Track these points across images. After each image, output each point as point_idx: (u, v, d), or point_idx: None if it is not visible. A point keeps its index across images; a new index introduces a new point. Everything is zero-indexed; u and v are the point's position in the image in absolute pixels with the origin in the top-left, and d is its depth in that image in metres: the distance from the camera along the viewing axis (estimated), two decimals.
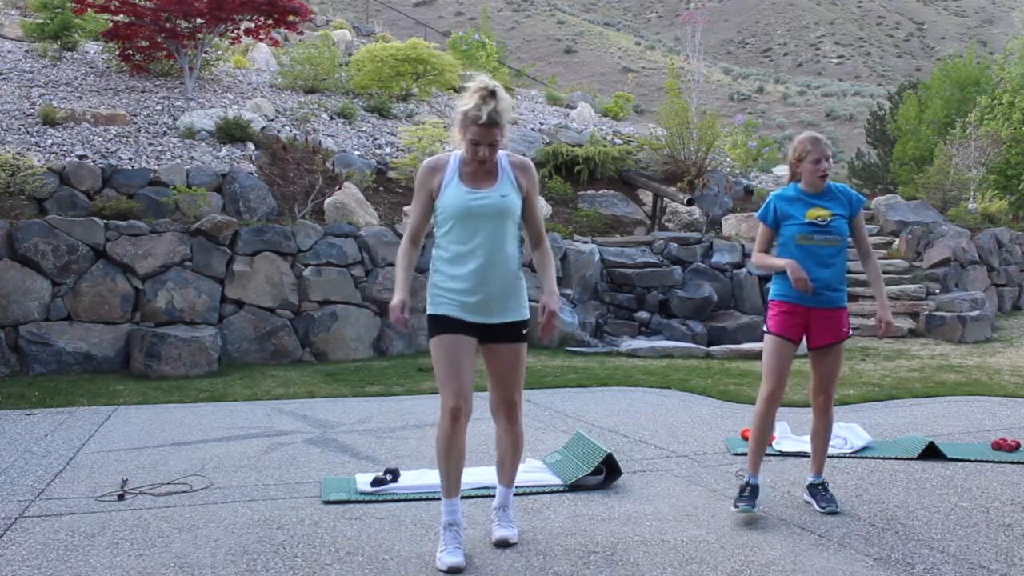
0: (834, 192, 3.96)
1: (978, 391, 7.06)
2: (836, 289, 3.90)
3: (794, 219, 3.90)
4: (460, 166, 3.32)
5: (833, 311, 3.91)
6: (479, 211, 3.24)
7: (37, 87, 11.46)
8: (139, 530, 3.61)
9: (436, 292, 3.34)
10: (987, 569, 3.19)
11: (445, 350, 3.27)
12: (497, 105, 3.20)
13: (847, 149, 43.30)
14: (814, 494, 3.97)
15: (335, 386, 7.29)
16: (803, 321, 3.90)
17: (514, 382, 3.38)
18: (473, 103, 3.19)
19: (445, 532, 3.28)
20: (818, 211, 3.88)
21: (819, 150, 3.88)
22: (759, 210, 4.10)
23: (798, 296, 3.87)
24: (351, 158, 11.00)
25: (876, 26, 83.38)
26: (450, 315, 3.28)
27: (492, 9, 47.59)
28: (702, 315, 10.40)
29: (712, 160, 13.07)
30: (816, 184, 3.92)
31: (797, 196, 3.96)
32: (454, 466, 3.31)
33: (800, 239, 3.88)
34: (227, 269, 8.55)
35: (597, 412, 6.21)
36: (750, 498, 3.79)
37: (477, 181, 3.28)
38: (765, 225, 4.02)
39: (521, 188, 3.34)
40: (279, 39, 16.41)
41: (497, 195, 3.27)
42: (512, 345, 3.35)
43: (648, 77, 57.21)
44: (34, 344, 7.74)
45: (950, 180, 14.74)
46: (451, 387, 3.24)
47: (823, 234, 3.86)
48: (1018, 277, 13.39)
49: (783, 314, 3.91)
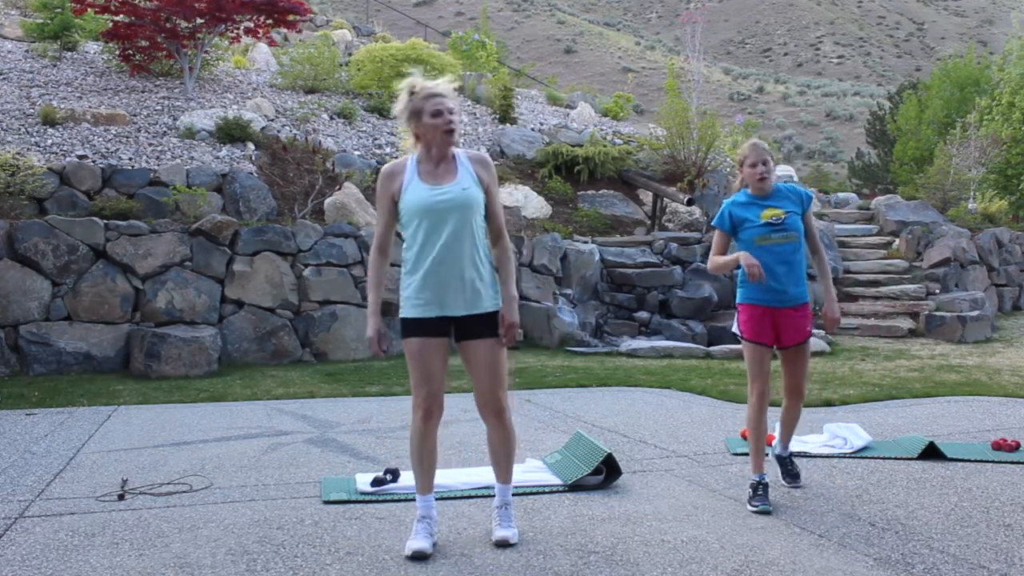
0: (783, 192, 4.16)
1: (978, 391, 7.06)
2: (798, 285, 4.08)
3: (750, 222, 4.09)
4: (418, 166, 3.39)
5: (797, 309, 4.09)
6: (442, 206, 3.29)
7: (37, 87, 11.46)
8: (139, 530, 3.61)
9: (407, 295, 3.38)
10: (987, 569, 3.19)
11: (415, 353, 3.35)
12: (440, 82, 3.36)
13: (847, 149, 43.33)
14: (781, 464, 4.34)
15: (335, 386, 7.30)
16: (772, 321, 4.09)
17: (494, 380, 3.37)
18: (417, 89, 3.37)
19: (417, 523, 3.40)
20: (772, 211, 4.07)
21: (755, 155, 4.11)
22: (714, 218, 4.27)
23: (762, 298, 4.06)
24: (351, 158, 11.00)
25: (876, 26, 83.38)
26: (421, 316, 3.33)
27: (492, 9, 47.62)
28: (702, 315, 10.39)
29: (712, 160, 13.06)
30: (760, 187, 4.13)
31: (749, 201, 4.15)
32: (427, 464, 3.42)
33: (759, 240, 4.05)
34: (227, 269, 8.55)
35: (597, 412, 6.21)
36: (764, 496, 3.91)
37: (437, 178, 3.34)
38: (721, 231, 4.19)
39: (481, 182, 3.38)
40: (278, 39, 16.42)
41: (459, 188, 3.32)
42: (486, 341, 3.35)
43: (648, 77, 57.20)
44: (34, 344, 7.75)
45: (950, 180, 14.74)
46: (422, 389, 3.34)
47: (780, 232, 4.04)
48: (1018, 277, 13.39)
49: (753, 318, 4.10)
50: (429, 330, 3.33)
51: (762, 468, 4.01)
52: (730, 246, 4.20)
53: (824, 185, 20.85)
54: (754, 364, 4.08)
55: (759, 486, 3.94)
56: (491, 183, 3.42)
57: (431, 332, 3.33)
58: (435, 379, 3.34)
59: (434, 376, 3.34)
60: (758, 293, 4.06)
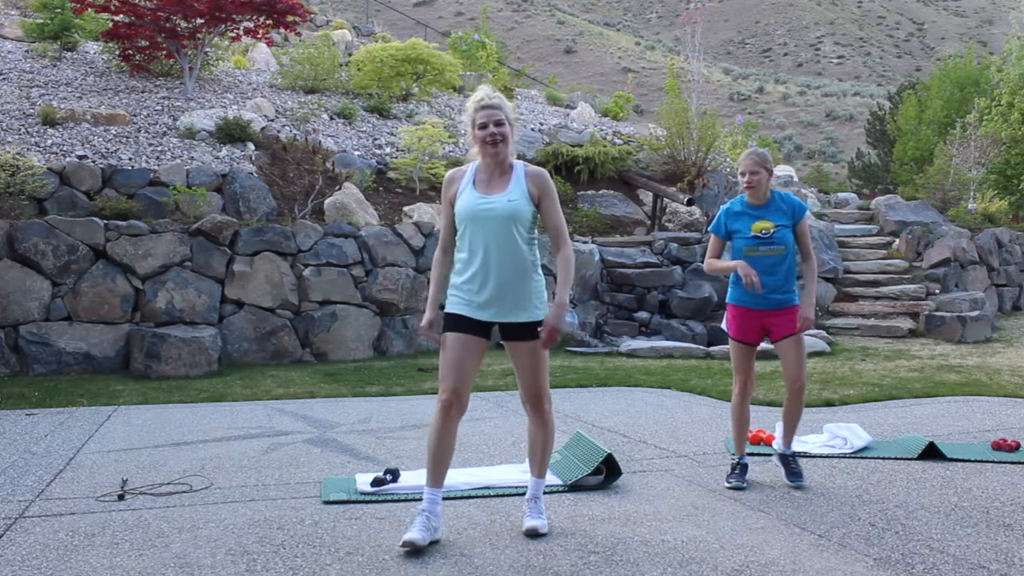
0: (778, 202, 4.32)
1: (978, 391, 7.06)
2: (784, 292, 4.29)
3: (741, 233, 4.31)
4: (476, 174, 3.54)
5: (783, 311, 4.29)
6: (485, 215, 3.43)
7: (37, 87, 11.46)
8: (139, 530, 3.61)
9: (451, 292, 3.54)
10: (987, 569, 3.19)
11: (449, 347, 3.48)
12: (496, 96, 3.48)
13: (847, 149, 43.33)
14: (784, 463, 4.39)
15: (335, 386, 7.30)
16: (758, 323, 4.32)
17: (536, 376, 3.53)
18: (472, 102, 3.51)
19: (418, 516, 3.42)
20: (762, 224, 4.26)
21: (746, 164, 4.27)
22: (711, 223, 4.53)
23: (749, 300, 4.30)
24: (351, 158, 11.00)
25: (876, 26, 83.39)
26: (460, 313, 3.48)
27: (492, 9, 47.62)
28: (702, 315, 10.39)
29: (712, 160, 13.06)
30: (752, 195, 4.31)
31: (743, 210, 4.35)
32: (439, 459, 3.47)
33: (747, 251, 4.29)
34: (227, 269, 8.55)
35: (597, 412, 6.21)
36: (740, 474, 4.28)
37: (490, 188, 3.50)
38: (716, 236, 4.45)
39: (532, 196, 3.49)
40: (278, 39, 16.41)
41: (504, 200, 3.44)
42: (527, 343, 3.49)
43: (648, 77, 57.21)
44: (34, 344, 7.75)
45: (950, 180, 14.74)
46: (447, 382, 3.45)
47: (767, 245, 4.26)
48: (1018, 277, 13.39)
49: (738, 318, 4.37)
50: (466, 327, 3.47)
51: (743, 451, 4.37)
52: (725, 247, 4.47)
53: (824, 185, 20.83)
54: (736, 359, 4.42)
55: (738, 466, 4.32)
56: (544, 195, 3.51)
57: (468, 329, 3.47)
58: (461, 375, 3.44)
59: (461, 372, 3.44)
60: (745, 296, 4.31)
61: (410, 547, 3.28)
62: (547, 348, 3.50)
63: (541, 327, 3.45)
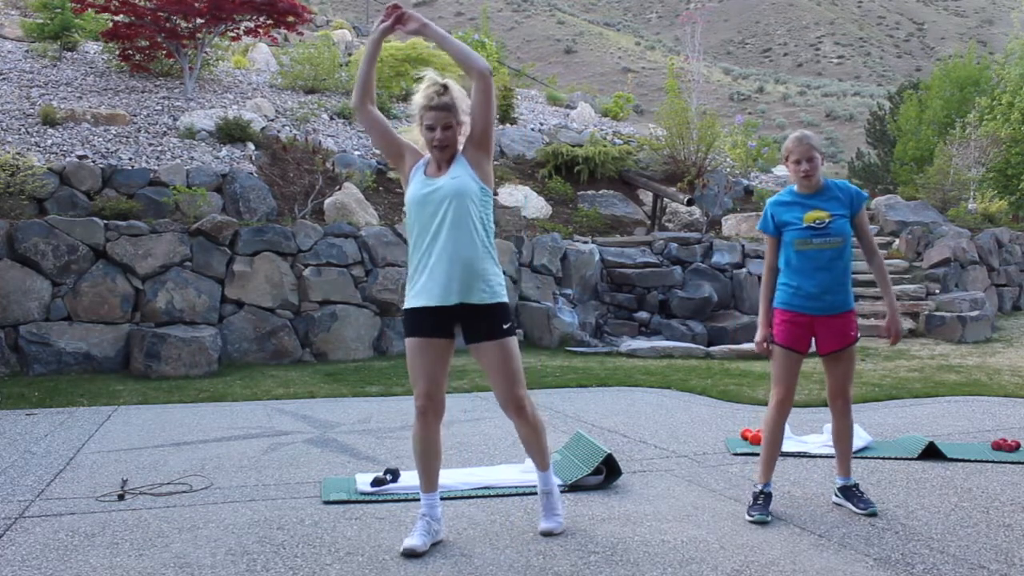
0: (832, 190, 3.84)
1: (978, 391, 7.06)
2: (839, 293, 3.81)
3: (792, 225, 3.81)
4: (426, 164, 3.48)
5: (838, 316, 3.83)
6: (432, 197, 3.34)
7: (37, 87, 11.46)
8: (139, 530, 3.61)
9: (409, 286, 3.45)
10: (987, 569, 3.19)
11: (413, 353, 3.40)
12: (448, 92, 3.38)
13: (847, 149, 43.32)
14: (848, 496, 3.90)
15: (335, 386, 7.29)
16: (809, 330, 3.84)
17: (509, 378, 3.39)
18: (424, 95, 3.40)
19: (418, 521, 3.41)
20: (816, 213, 3.78)
21: (800, 150, 3.78)
22: (759, 221, 4.01)
23: (801, 304, 3.80)
24: (351, 158, 11.00)
25: (876, 26, 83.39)
26: (420, 306, 3.35)
27: (492, 9, 47.60)
28: (702, 315, 10.39)
29: (712, 160, 13.07)
30: (805, 185, 3.82)
31: (793, 200, 3.86)
32: (427, 463, 3.45)
33: (799, 244, 3.78)
34: (227, 269, 8.55)
35: (597, 412, 6.21)
36: (764, 505, 3.76)
37: (436, 171, 3.42)
38: (768, 235, 3.93)
39: (472, 165, 3.39)
40: (278, 39, 16.40)
41: (448, 179, 3.36)
42: (492, 343, 3.37)
43: (648, 77, 57.21)
44: (34, 344, 7.74)
45: (950, 180, 14.74)
46: (418, 388, 3.39)
47: (822, 236, 3.76)
48: (1018, 277, 13.38)
49: (787, 323, 3.84)
50: (428, 329, 3.36)
51: (769, 478, 3.84)
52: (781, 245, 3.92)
53: None
54: (780, 369, 3.85)
55: (760, 495, 3.80)
56: (480, 155, 3.42)
57: (429, 332, 3.36)
58: (431, 377, 3.37)
59: (430, 374, 3.37)
60: (794, 299, 3.82)
61: (410, 553, 3.27)
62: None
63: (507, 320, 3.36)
